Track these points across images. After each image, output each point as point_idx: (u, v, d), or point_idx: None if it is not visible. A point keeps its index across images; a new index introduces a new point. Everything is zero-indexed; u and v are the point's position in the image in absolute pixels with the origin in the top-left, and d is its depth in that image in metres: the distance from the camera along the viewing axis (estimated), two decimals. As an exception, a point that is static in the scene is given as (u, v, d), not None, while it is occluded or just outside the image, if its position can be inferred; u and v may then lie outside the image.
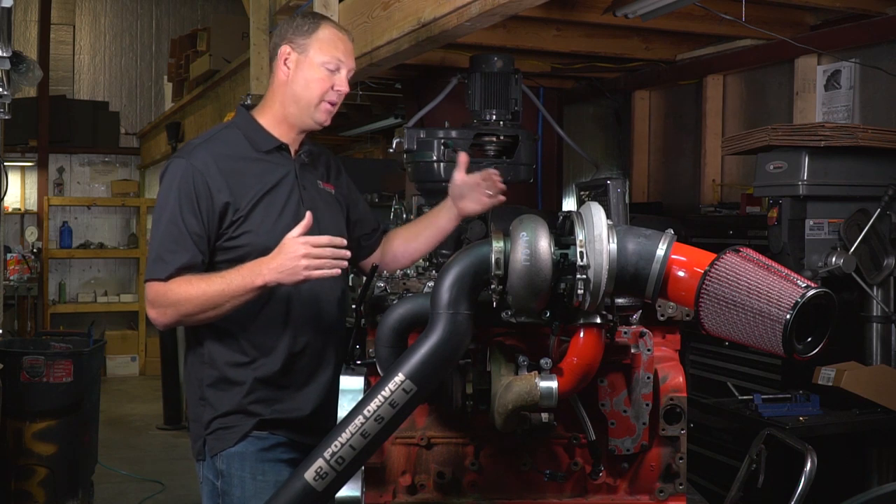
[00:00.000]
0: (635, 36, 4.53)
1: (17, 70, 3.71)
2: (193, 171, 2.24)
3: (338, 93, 2.37)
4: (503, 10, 2.79)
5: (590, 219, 1.66)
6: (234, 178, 2.28)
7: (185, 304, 2.17)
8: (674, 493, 1.95)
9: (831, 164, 3.29)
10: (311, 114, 2.37)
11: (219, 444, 2.29)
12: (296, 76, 2.36)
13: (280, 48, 2.39)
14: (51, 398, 4.66)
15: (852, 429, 3.17)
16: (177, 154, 2.34)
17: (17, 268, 9.26)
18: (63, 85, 10.54)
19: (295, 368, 2.34)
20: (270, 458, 2.29)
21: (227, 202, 2.25)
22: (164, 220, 2.23)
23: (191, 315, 2.19)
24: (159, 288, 2.19)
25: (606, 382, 1.89)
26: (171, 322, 2.23)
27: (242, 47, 5.74)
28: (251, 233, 2.26)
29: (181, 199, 2.23)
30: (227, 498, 2.29)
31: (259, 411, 2.29)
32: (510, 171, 2.42)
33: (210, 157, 2.28)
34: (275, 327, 2.31)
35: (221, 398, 2.30)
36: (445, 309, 1.69)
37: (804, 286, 1.57)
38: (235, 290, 2.14)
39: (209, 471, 2.33)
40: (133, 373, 10.07)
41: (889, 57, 3.86)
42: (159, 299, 2.20)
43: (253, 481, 2.27)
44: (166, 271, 2.19)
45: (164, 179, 2.29)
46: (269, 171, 2.34)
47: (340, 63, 2.36)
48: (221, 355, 2.30)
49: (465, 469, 1.94)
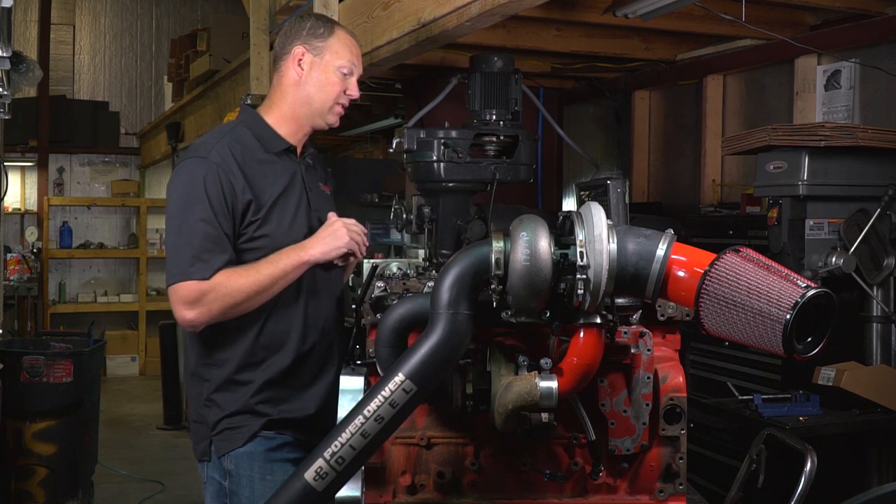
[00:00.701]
0: (635, 36, 4.53)
1: (17, 70, 3.71)
2: (218, 169, 2.24)
3: (349, 97, 2.41)
4: (503, 10, 2.79)
5: (590, 219, 1.66)
6: (253, 177, 2.29)
7: (235, 294, 2.19)
8: (674, 493, 1.95)
9: (831, 164, 3.29)
10: (324, 115, 2.40)
11: (227, 444, 2.30)
12: (309, 78, 2.38)
13: (293, 49, 2.39)
14: (51, 398, 4.66)
15: (852, 429, 3.17)
16: (194, 153, 2.30)
17: (17, 268, 9.27)
18: (63, 85, 10.54)
19: (302, 368, 2.35)
20: (278, 457, 2.30)
21: (250, 199, 2.26)
22: (194, 220, 2.20)
23: (238, 305, 2.21)
24: (204, 286, 2.17)
25: (606, 382, 1.89)
26: (213, 318, 2.21)
27: (242, 47, 5.74)
28: (269, 236, 2.27)
29: (211, 198, 2.21)
30: (236, 498, 2.29)
31: (267, 411, 2.30)
32: (510, 171, 2.42)
33: (230, 156, 2.27)
34: (284, 328, 2.32)
35: (229, 399, 2.30)
36: (445, 309, 1.69)
37: (804, 286, 1.57)
38: (283, 268, 2.22)
39: (215, 471, 2.32)
40: (133, 373, 10.07)
41: (889, 57, 3.86)
42: (205, 296, 2.18)
43: (262, 481, 2.27)
44: (209, 271, 2.18)
45: (185, 179, 2.26)
46: (280, 173, 2.35)
47: (354, 68, 2.41)
48: (232, 356, 2.30)
49: (465, 469, 1.94)
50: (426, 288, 2.03)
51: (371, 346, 1.90)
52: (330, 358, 2.40)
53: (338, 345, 2.42)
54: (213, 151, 2.27)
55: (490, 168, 2.41)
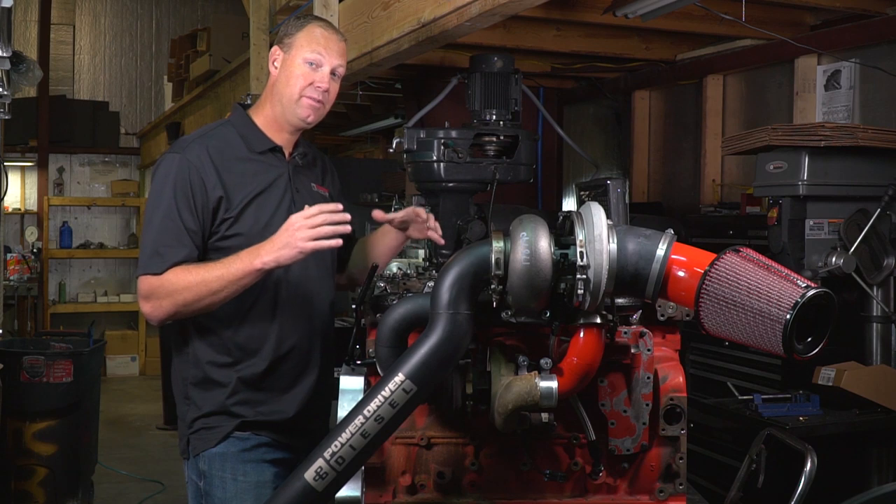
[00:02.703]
0: (635, 36, 4.53)
1: (17, 70, 3.71)
2: (189, 165, 2.24)
3: (318, 89, 2.33)
4: (503, 10, 2.79)
5: (590, 219, 1.66)
6: (228, 174, 2.28)
7: (183, 292, 2.16)
8: (674, 493, 1.95)
9: (831, 164, 3.29)
10: (294, 110, 2.34)
11: (201, 444, 2.29)
12: (280, 74, 2.37)
13: (272, 50, 2.40)
14: (51, 398, 4.66)
15: (852, 429, 3.17)
16: (170, 149, 2.33)
17: (17, 268, 9.26)
18: (63, 85, 10.54)
19: (279, 371, 2.33)
20: (252, 458, 2.29)
21: (220, 196, 2.25)
22: (159, 215, 2.22)
23: (188, 304, 2.17)
24: (154, 281, 2.18)
25: (606, 382, 1.89)
26: (167, 315, 2.20)
27: (242, 47, 5.74)
28: (242, 235, 2.25)
29: (177, 194, 2.22)
30: (209, 498, 2.29)
31: (242, 412, 2.29)
32: (510, 171, 2.42)
33: (205, 153, 2.27)
34: (261, 330, 2.30)
35: (205, 398, 2.30)
36: (445, 309, 1.68)
37: (804, 286, 1.57)
38: (235, 273, 2.13)
39: (192, 471, 2.33)
40: (133, 373, 10.07)
41: (889, 57, 3.86)
42: (155, 292, 2.18)
43: (234, 482, 2.26)
44: (163, 266, 2.18)
45: (158, 174, 2.28)
46: (262, 172, 2.34)
47: (322, 59, 2.33)
48: (205, 354, 2.29)
49: (465, 469, 1.94)
50: (426, 288, 2.03)
51: (371, 346, 1.90)
52: (312, 361, 2.37)
53: (322, 348, 2.40)
54: (189, 148, 2.28)
55: (490, 168, 2.41)
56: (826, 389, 3.21)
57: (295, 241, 2.08)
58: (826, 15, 4.11)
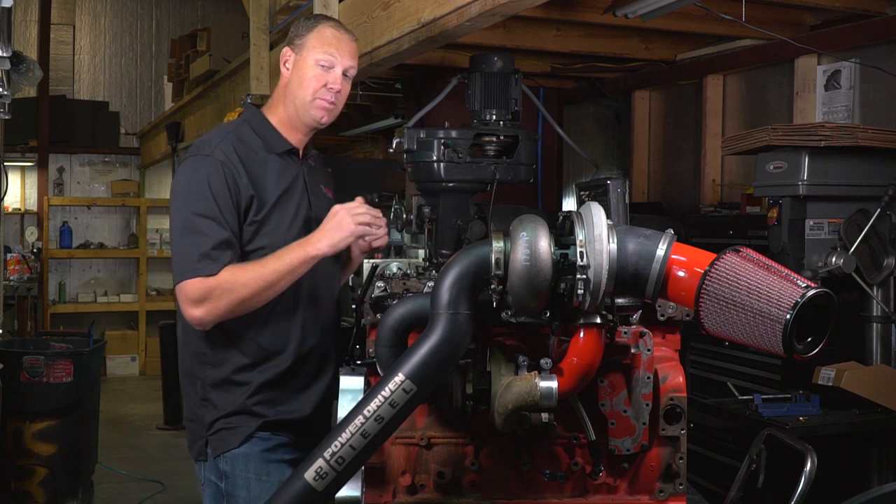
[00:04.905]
0: (635, 36, 4.53)
1: (17, 70, 3.71)
2: (223, 167, 2.24)
3: (331, 91, 2.35)
4: (503, 10, 2.79)
5: (590, 219, 1.66)
6: (256, 176, 2.28)
7: (240, 289, 2.16)
8: (674, 493, 1.95)
9: (831, 164, 3.29)
10: (308, 111, 2.36)
11: (222, 444, 2.29)
12: (293, 76, 2.37)
13: (283, 51, 2.40)
14: (51, 398, 4.66)
15: (852, 429, 3.17)
16: (197, 152, 2.29)
17: (17, 268, 9.26)
18: (63, 85, 10.54)
19: (301, 370, 2.35)
20: (274, 458, 2.30)
21: (252, 196, 2.25)
22: (200, 218, 2.20)
23: (245, 301, 2.18)
24: (210, 282, 2.16)
25: (606, 382, 1.89)
26: (221, 316, 2.19)
27: (242, 47, 5.74)
28: (269, 235, 2.27)
29: (217, 196, 2.21)
30: (233, 499, 2.28)
31: (263, 412, 2.29)
32: (510, 171, 2.41)
33: (234, 153, 2.27)
34: (284, 330, 2.31)
35: (225, 399, 2.30)
36: (445, 309, 1.68)
37: (804, 286, 1.56)
38: (290, 263, 2.18)
39: (211, 472, 2.32)
40: (133, 373, 10.07)
41: (889, 57, 3.86)
42: (212, 293, 2.16)
43: (258, 482, 2.27)
44: (217, 267, 2.16)
45: (189, 177, 2.26)
46: (283, 173, 2.35)
47: (334, 60, 2.34)
48: (229, 357, 2.29)
49: (465, 469, 1.94)
50: (426, 288, 2.03)
51: (371, 346, 1.90)
52: (328, 360, 2.40)
53: (335, 347, 2.42)
54: (217, 149, 2.27)
55: (490, 168, 2.41)
56: (826, 389, 3.21)
57: (348, 223, 2.19)
58: (826, 15, 4.11)
